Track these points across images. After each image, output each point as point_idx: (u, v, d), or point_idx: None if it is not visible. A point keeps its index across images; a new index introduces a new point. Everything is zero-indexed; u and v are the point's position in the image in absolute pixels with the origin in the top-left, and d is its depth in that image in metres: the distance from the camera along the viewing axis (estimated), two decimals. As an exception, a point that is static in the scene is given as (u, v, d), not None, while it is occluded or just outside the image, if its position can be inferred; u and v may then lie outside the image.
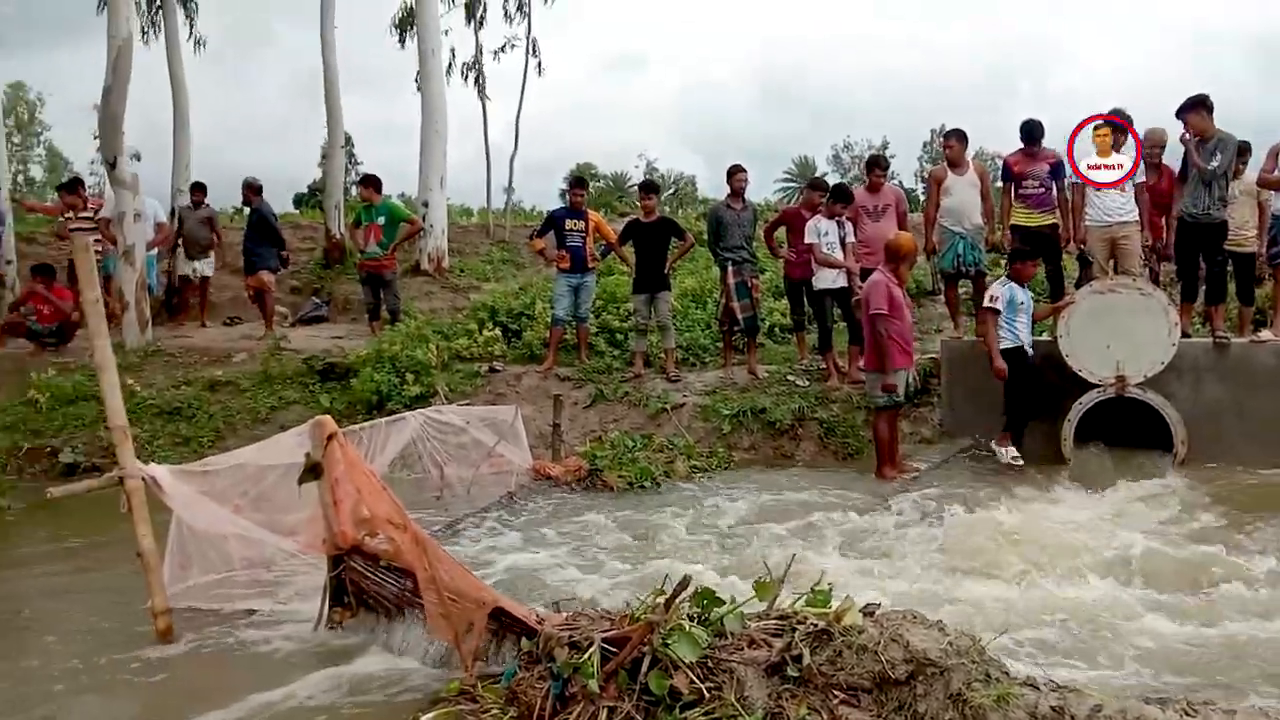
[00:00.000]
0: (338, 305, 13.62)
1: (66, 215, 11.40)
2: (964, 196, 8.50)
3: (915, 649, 2.82)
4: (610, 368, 9.40)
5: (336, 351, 9.84)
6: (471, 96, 19.14)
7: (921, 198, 14.90)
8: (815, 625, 3.10)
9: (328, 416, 4.19)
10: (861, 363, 8.13)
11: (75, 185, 11.93)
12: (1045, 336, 8.33)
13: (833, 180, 12.42)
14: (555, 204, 15.46)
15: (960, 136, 8.71)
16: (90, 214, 11.36)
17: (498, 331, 10.28)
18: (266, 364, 9.61)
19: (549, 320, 9.74)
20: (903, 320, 7.32)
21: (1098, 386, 7.48)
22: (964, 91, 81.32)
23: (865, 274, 7.98)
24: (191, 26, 15.89)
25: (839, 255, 8.58)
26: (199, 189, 12.53)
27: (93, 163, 39.52)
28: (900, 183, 24.95)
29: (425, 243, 13.83)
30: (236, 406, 9.11)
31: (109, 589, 5.13)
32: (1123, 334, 7.41)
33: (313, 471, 4.10)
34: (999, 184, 9.09)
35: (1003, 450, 7.63)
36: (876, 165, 9.58)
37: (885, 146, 49.09)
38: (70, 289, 11.05)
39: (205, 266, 12.44)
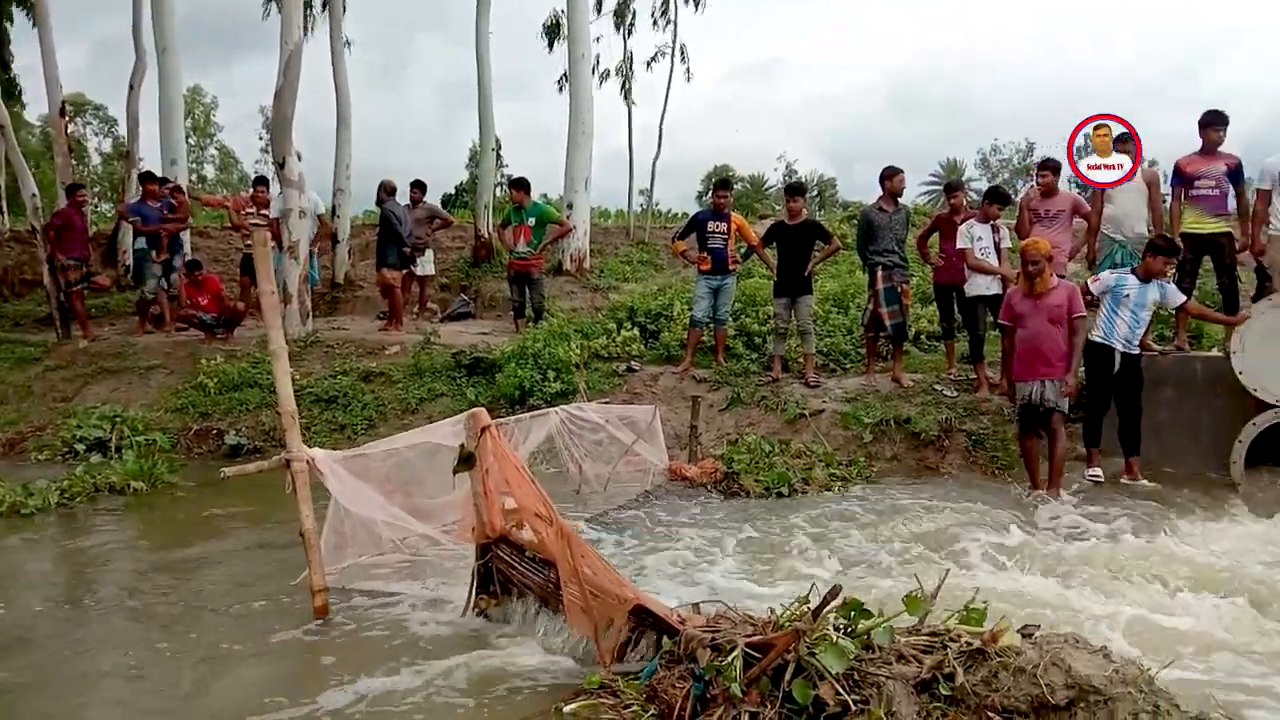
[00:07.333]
0: (484, 302, 14.07)
1: (248, 211, 12.03)
2: (1127, 204, 8.14)
3: (1078, 675, 2.69)
4: (748, 371, 9.35)
5: (482, 347, 10.17)
6: (609, 101, 19.49)
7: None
8: (969, 644, 3.01)
9: (482, 409, 4.32)
10: None
11: (263, 182, 12.48)
12: (1215, 352, 7.81)
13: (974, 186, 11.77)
14: (690, 206, 15.48)
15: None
16: (266, 213, 12.04)
17: (636, 331, 10.43)
18: (417, 358, 10.02)
19: (687, 322, 9.80)
20: (1026, 330, 7.00)
21: (1274, 407, 6.97)
22: (1123, 96, 77.29)
23: None
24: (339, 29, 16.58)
25: (993, 261, 8.28)
26: (418, 187, 12.58)
27: (257, 162, 42.21)
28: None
29: (568, 243, 14.12)
30: (388, 397, 9.55)
31: (267, 566, 5.45)
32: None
33: (466, 461, 4.23)
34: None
35: (1087, 471, 7.33)
36: (1047, 166, 8.46)
37: (1031, 150, 46.86)
38: (240, 280, 11.79)
39: (425, 264, 12.64)
